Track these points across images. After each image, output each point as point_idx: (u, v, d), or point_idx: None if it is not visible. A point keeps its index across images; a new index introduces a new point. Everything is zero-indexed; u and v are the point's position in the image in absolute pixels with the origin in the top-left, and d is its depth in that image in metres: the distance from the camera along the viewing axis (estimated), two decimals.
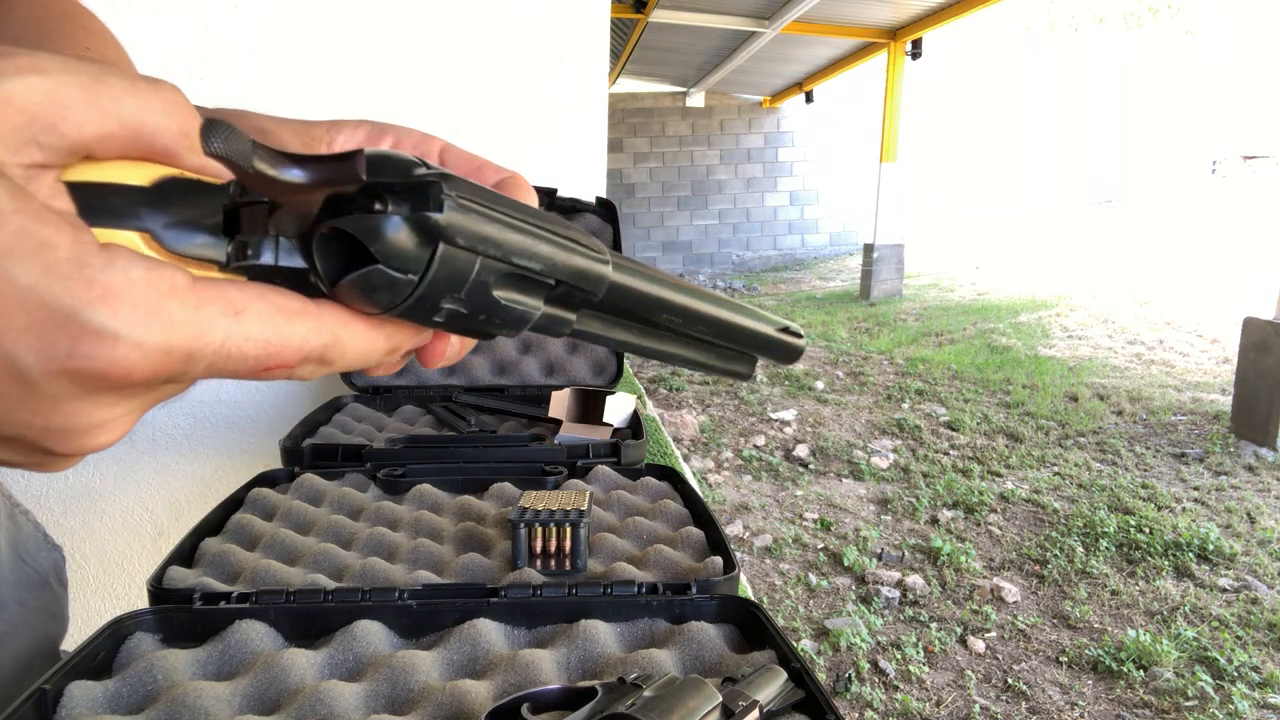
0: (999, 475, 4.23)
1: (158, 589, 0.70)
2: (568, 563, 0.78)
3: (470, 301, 0.29)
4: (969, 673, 2.65)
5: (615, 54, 9.54)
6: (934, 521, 3.74)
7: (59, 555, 0.77)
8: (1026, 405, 5.27)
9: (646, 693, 0.51)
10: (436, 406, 1.27)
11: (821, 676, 2.63)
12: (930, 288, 9.90)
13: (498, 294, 0.29)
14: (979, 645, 2.80)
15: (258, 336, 0.26)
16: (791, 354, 0.44)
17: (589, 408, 1.22)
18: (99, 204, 0.25)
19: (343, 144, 0.37)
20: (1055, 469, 4.28)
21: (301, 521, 0.89)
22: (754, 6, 7.75)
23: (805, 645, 2.81)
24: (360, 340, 0.29)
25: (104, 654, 0.63)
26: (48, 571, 0.74)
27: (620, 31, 8.68)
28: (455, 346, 0.34)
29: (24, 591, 0.70)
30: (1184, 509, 3.74)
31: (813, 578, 3.24)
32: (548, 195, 1.38)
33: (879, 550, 3.46)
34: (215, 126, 0.23)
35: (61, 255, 0.22)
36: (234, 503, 0.92)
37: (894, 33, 8.76)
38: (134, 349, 0.23)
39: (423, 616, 0.68)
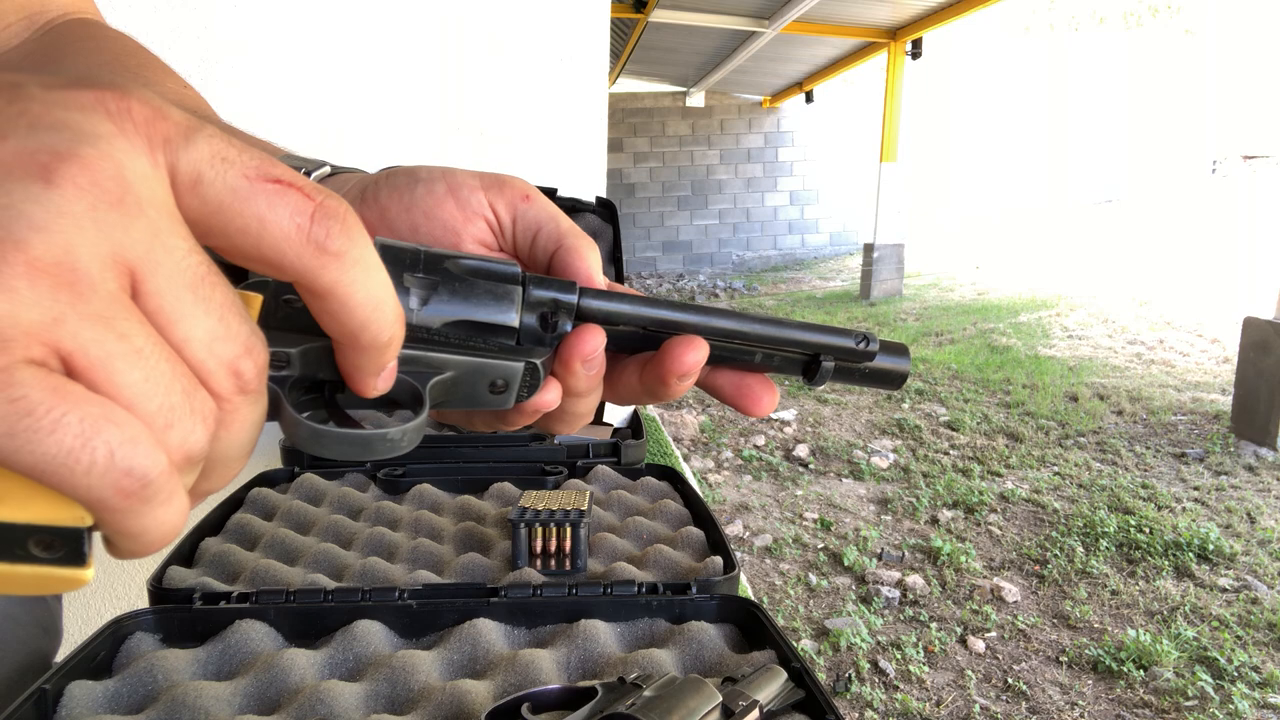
0: (999, 475, 4.23)
1: (158, 589, 0.70)
2: (568, 563, 0.78)
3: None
4: (969, 673, 2.64)
5: (615, 54, 9.53)
6: (934, 521, 3.74)
7: None
8: (1026, 405, 5.27)
9: (646, 692, 0.51)
10: None
11: (821, 676, 2.63)
12: (930, 288, 9.90)
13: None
14: (979, 645, 2.80)
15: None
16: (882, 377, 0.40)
17: None
18: None
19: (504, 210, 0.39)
20: (1055, 469, 4.28)
21: (301, 521, 0.89)
22: (754, 6, 7.75)
23: (805, 645, 2.81)
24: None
25: (104, 654, 0.63)
26: None
27: (620, 31, 8.68)
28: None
29: (14, 605, 0.68)
30: (1184, 509, 3.74)
31: (813, 578, 3.24)
32: (548, 195, 1.38)
33: (879, 550, 3.46)
34: None
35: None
36: (234, 502, 0.92)
37: (894, 33, 8.76)
38: (138, 89, 0.23)
39: (423, 616, 0.68)
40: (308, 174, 0.39)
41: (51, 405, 0.20)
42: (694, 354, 0.36)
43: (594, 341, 0.35)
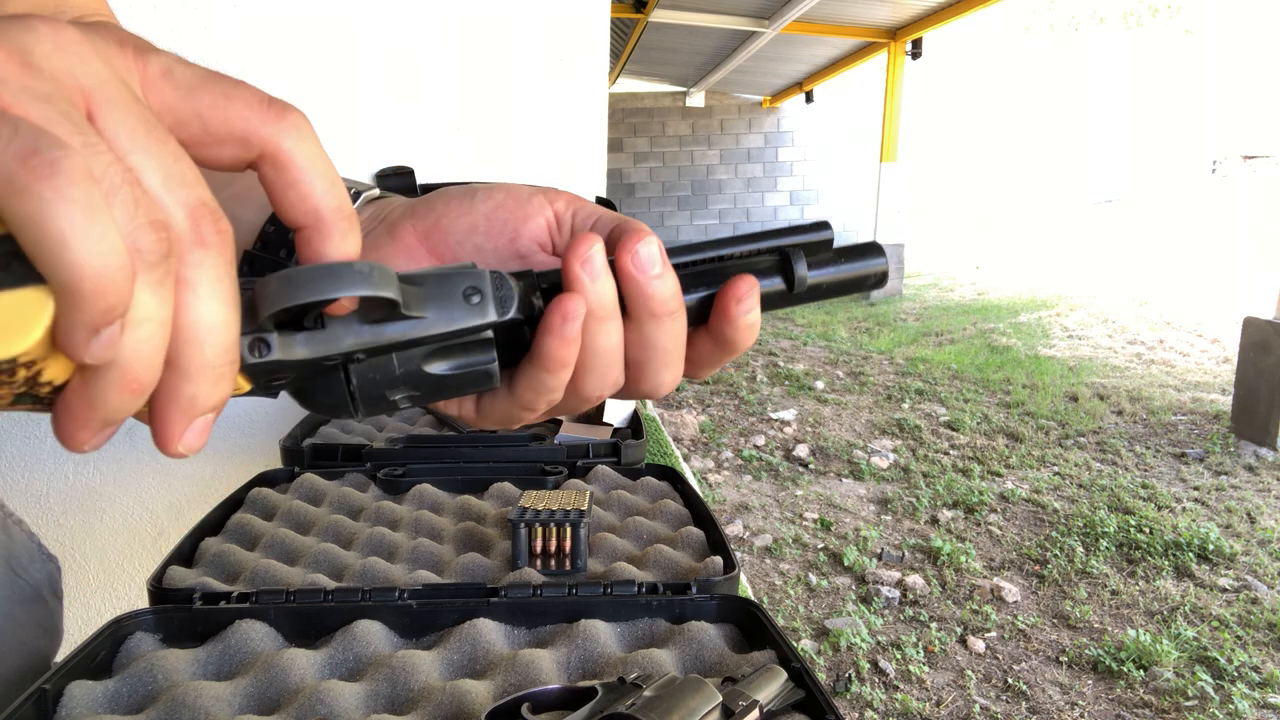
0: (999, 475, 4.23)
1: (158, 589, 0.70)
2: (568, 562, 0.79)
3: (418, 386, 0.31)
4: (969, 672, 2.64)
5: (615, 54, 9.53)
6: (934, 521, 3.74)
7: (54, 566, 0.74)
8: (1026, 405, 5.27)
9: (646, 693, 0.51)
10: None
11: (821, 676, 2.63)
12: (930, 288, 9.90)
13: (435, 369, 0.31)
14: (979, 645, 2.80)
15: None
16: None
17: None
18: None
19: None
20: (1055, 469, 4.28)
21: (301, 521, 0.89)
22: (754, 6, 7.75)
23: (805, 645, 2.81)
24: None
25: (104, 654, 0.63)
26: (41, 584, 0.72)
27: (620, 31, 8.68)
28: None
29: (15, 606, 0.68)
30: (1184, 509, 3.74)
31: (813, 577, 3.24)
32: None
33: (879, 550, 3.46)
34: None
35: None
36: (234, 502, 0.92)
37: (894, 33, 8.76)
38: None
39: (423, 616, 0.68)
40: (356, 195, 0.40)
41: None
42: (744, 283, 0.35)
43: (587, 245, 0.32)
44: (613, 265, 0.33)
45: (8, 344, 0.21)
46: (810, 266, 0.37)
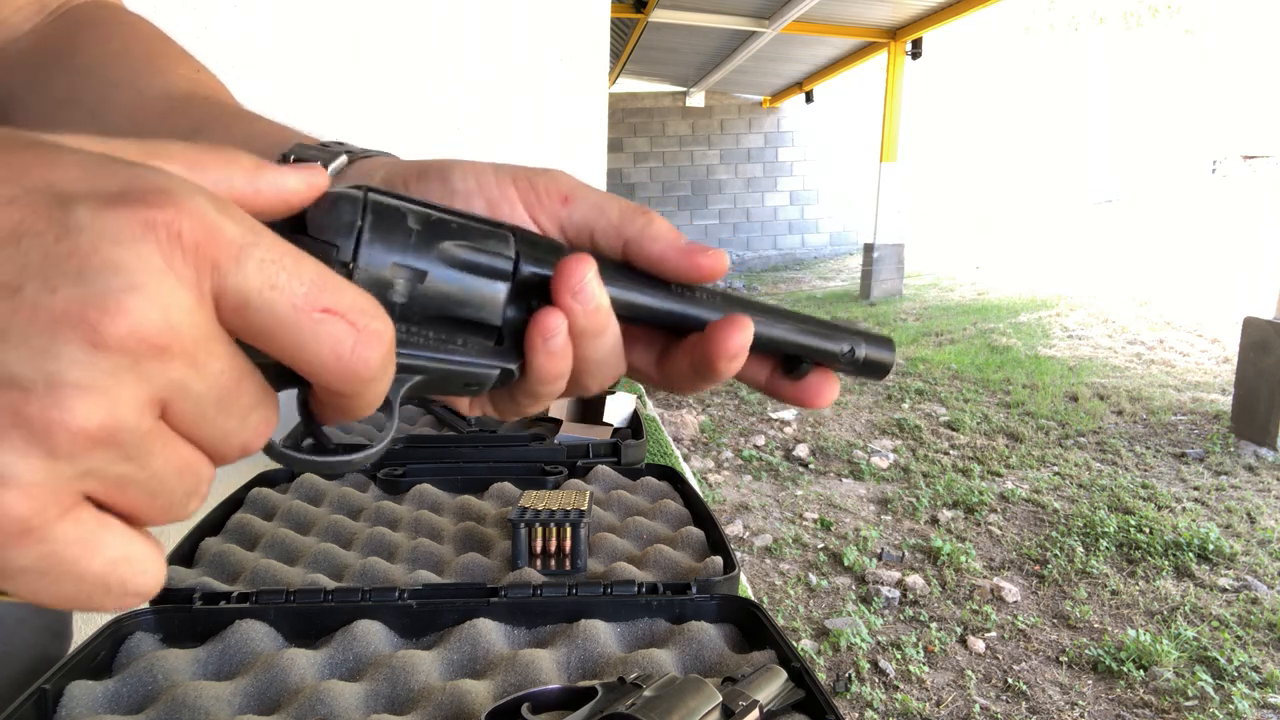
0: (999, 475, 4.23)
1: None
2: (568, 562, 0.78)
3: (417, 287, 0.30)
4: (969, 672, 2.64)
5: (615, 54, 9.53)
6: (934, 521, 3.74)
7: None
8: (1026, 405, 5.27)
9: (646, 692, 0.51)
10: (436, 406, 1.27)
11: (821, 676, 2.63)
12: (930, 288, 9.90)
13: (444, 275, 0.31)
14: (979, 645, 2.80)
15: (308, 268, 0.25)
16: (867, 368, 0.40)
17: (589, 407, 1.22)
18: None
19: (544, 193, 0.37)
20: (1055, 469, 4.28)
21: (301, 521, 0.89)
22: (754, 6, 7.75)
23: (805, 645, 2.81)
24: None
25: (104, 654, 0.63)
26: None
27: (620, 31, 8.68)
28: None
29: (24, 608, 0.68)
30: (1184, 509, 3.74)
31: (813, 577, 3.24)
32: None
33: (879, 550, 3.46)
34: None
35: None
36: (234, 502, 0.92)
37: (894, 33, 8.76)
38: (190, 197, 0.22)
39: (423, 616, 0.68)
40: (325, 165, 0.38)
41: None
42: (740, 335, 0.35)
43: (580, 269, 0.32)
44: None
45: None
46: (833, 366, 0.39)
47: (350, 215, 0.29)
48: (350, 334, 0.25)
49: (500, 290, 0.32)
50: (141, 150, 0.25)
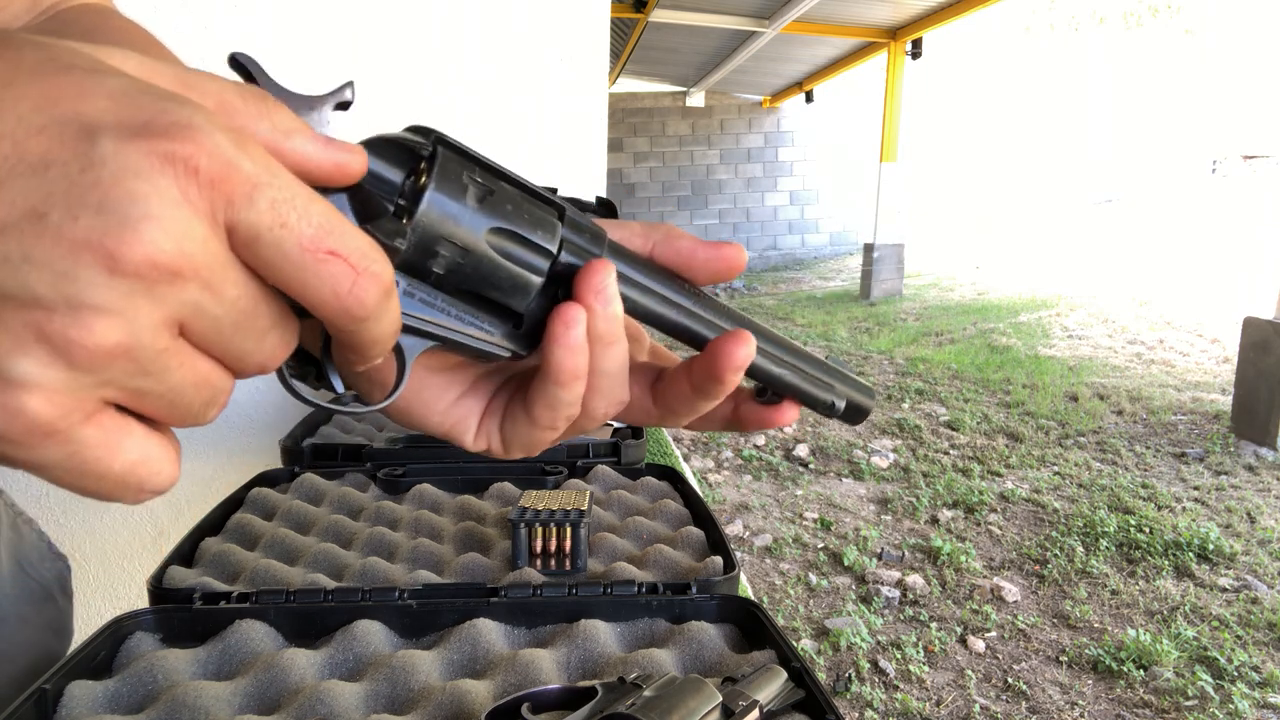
0: (999, 475, 4.23)
1: (158, 589, 0.70)
2: (568, 562, 0.78)
3: (464, 254, 0.32)
4: (969, 672, 2.65)
5: (615, 54, 9.53)
6: (934, 521, 3.74)
7: (64, 565, 0.74)
8: (1026, 405, 5.27)
9: (646, 692, 0.51)
10: None
11: (821, 676, 2.63)
12: (930, 288, 9.90)
13: (490, 247, 0.32)
14: (979, 645, 2.80)
15: (317, 210, 0.26)
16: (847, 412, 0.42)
17: None
18: None
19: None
20: (1055, 469, 4.28)
21: (301, 521, 0.89)
22: (754, 6, 7.75)
23: (805, 645, 2.81)
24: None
25: (104, 654, 0.63)
26: (51, 583, 0.72)
27: (620, 31, 8.68)
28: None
29: (25, 605, 0.68)
30: (1184, 509, 3.74)
31: (813, 577, 3.24)
32: (548, 194, 1.38)
33: (879, 550, 3.46)
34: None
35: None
36: (234, 502, 0.92)
37: (894, 33, 8.76)
38: (211, 133, 0.23)
39: (423, 616, 0.68)
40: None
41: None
42: (745, 348, 0.36)
43: (604, 271, 0.34)
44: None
45: None
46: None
47: (411, 167, 0.32)
48: (349, 275, 0.26)
49: (535, 282, 0.33)
50: (179, 81, 0.26)
